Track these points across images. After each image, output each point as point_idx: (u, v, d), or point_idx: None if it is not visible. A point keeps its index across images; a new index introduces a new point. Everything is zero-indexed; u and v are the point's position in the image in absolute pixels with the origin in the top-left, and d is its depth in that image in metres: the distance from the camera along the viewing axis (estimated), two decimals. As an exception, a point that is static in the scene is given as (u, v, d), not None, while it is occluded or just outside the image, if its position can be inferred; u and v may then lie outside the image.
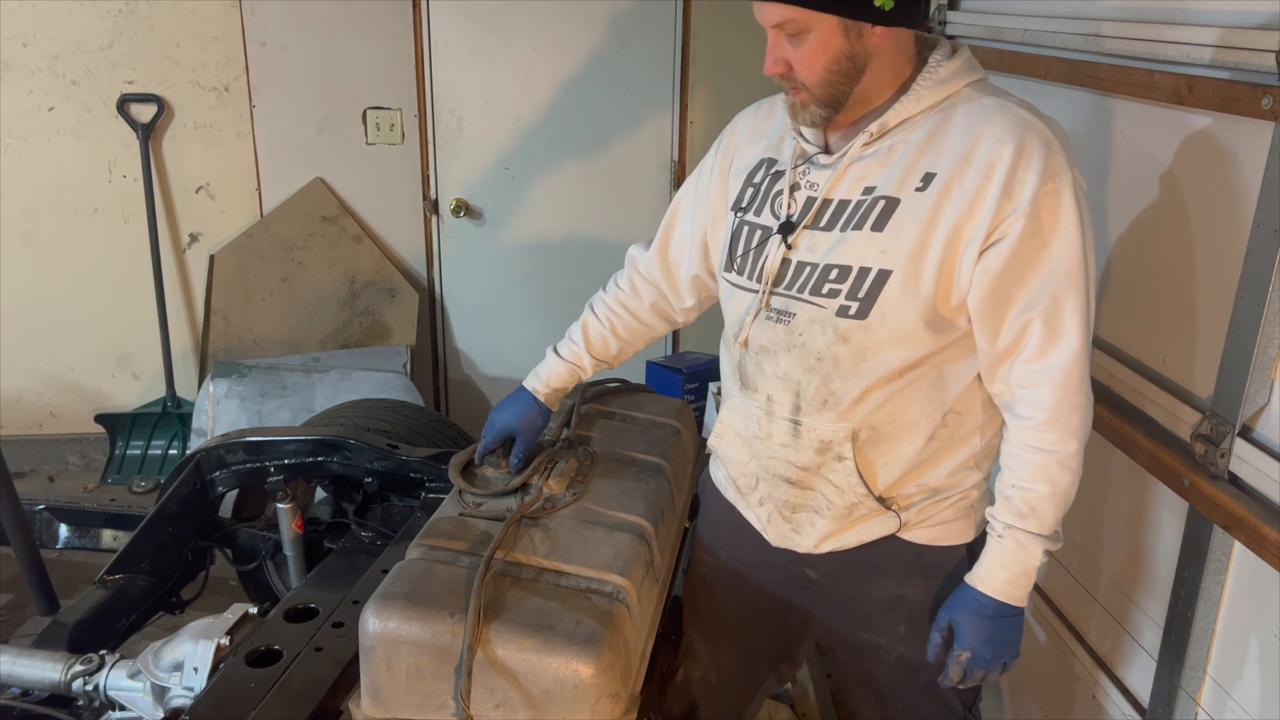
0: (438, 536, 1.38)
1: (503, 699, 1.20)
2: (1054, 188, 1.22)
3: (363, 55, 3.50)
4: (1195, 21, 1.51)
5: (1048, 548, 1.33)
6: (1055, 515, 1.32)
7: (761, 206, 1.42)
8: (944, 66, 1.30)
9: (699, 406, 2.57)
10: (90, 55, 3.44)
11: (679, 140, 3.69)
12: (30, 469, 3.79)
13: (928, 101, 1.29)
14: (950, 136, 1.27)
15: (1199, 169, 1.54)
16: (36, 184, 3.53)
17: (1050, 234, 1.23)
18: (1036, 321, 1.25)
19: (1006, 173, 1.22)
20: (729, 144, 1.53)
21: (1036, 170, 1.21)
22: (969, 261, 1.25)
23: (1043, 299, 1.24)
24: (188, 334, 3.79)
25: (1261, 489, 1.36)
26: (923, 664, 1.48)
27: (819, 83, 1.27)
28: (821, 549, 1.45)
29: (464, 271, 3.79)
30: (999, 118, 1.25)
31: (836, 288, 1.31)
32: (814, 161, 1.37)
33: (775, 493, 1.46)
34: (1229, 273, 1.42)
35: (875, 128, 1.30)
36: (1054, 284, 1.24)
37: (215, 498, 2.19)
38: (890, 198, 1.28)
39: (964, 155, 1.25)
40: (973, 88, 1.31)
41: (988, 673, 1.38)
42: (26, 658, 1.65)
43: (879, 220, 1.28)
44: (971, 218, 1.24)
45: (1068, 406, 1.27)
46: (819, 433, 1.38)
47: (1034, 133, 1.23)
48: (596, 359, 1.65)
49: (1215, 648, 1.50)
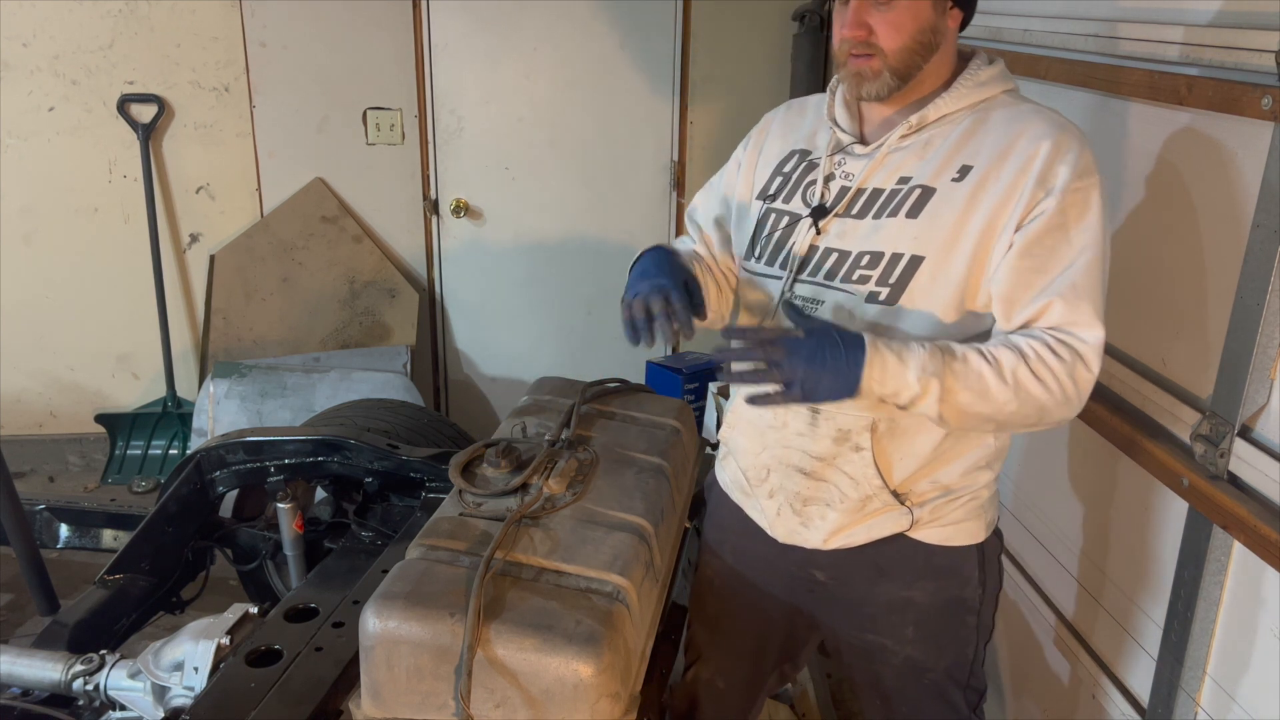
0: (438, 536, 1.38)
1: (503, 699, 1.20)
2: (1085, 185, 1.25)
3: (363, 55, 3.50)
4: (1195, 21, 1.51)
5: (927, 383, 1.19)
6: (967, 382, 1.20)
7: (792, 194, 1.44)
8: (984, 71, 1.36)
9: (699, 406, 2.57)
10: (90, 55, 3.44)
11: (679, 140, 3.69)
12: (30, 469, 3.79)
13: (967, 101, 1.34)
14: (989, 134, 1.31)
15: (1199, 169, 1.54)
16: (37, 184, 3.53)
17: (1074, 227, 1.25)
18: (1057, 302, 1.24)
19: (1043, 165, 1.25)
20: (759, 139, 1.55)
21: (1071, 164, 1.25)
22: (1001, 250, 1.27)
23: (1061, 286, 1.25)
24: (188, 334, 3.79)
25: (1261, 489, 1.36)
26: (929, 666, 1.48)
27: (900, 49, 1.29)
28: (830, 544, 1.44)
29: (464, 271, 3.79)
30: (1037, 119, 1.30)
31: (867, 274, 1.33)
32: (849, 151, 1.40)
33: (787, 484, 1.46)
34: (1229, 273, 1.43)
35: (915, 119, 1.33)
36: (1073, 274, 1.25)
37: (215, 498, 2.19)
38: (927, 186, 1.31)
39: (1002, 151, 1.29)
40: (1008, 95, 1.36)
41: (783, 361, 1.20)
42: (26, 658, 1.65)
43: (914, 208, 1.31)
44: (1006, 207, 1.26)
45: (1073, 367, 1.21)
46: (838, 422, 1.38)
47: (1071, 133, 1.28)
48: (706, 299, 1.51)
49: (1215, 648, 1.50)
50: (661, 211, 3.79)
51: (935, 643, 1.48)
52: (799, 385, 1.20)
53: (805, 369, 1.20)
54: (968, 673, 1.51)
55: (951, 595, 1.43)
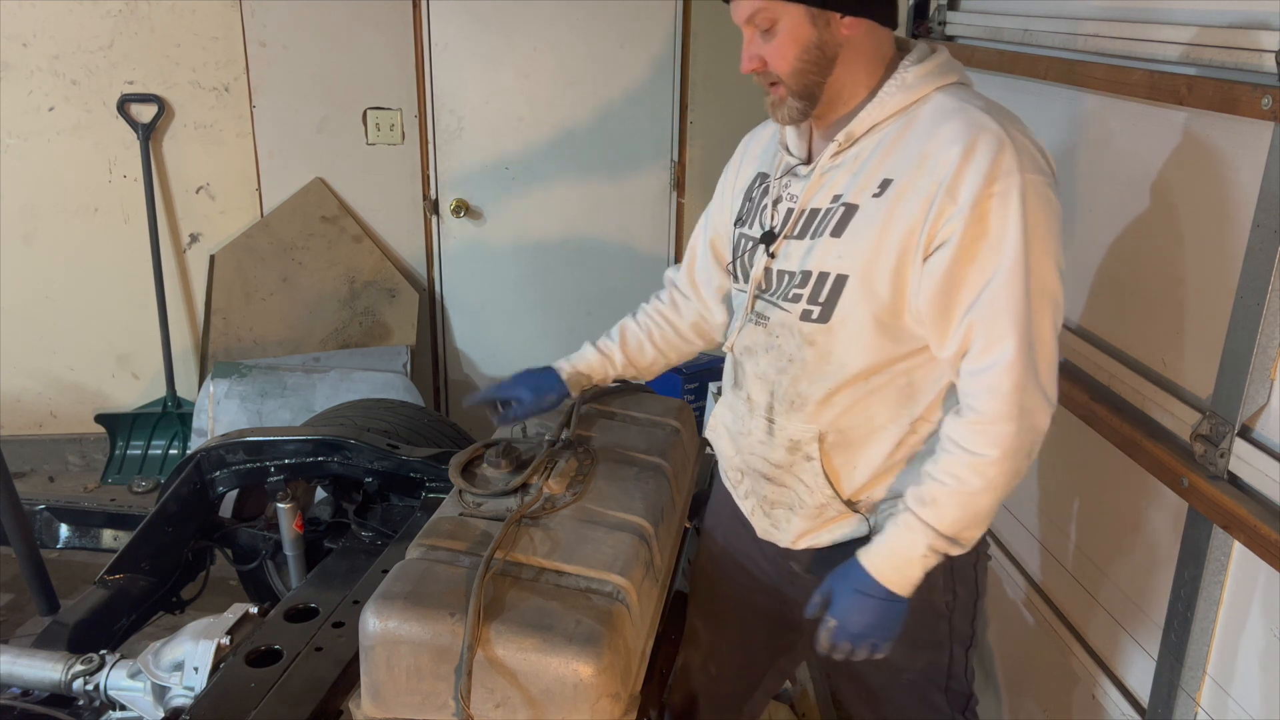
0: (438, 536, 1.38)
1: (503, 699, 1.20)
2: (1000, 189, 1.20)
3: (363, 55, 3.50)
4: (1195, 21, 1.51)
5: (935, 545, 1.28)
6: (955, 516, 1.27)
7: (753, 219, 1.46)
8: (910, 71, 1.31)
9: (699, 406, 2.57)
10: (90, 55, 3.44)
11: (679, 140, 3.69)
12: (30, 469, 3.79)
13: (892, 107, 1.30)
14: (910, 142, 1.27)
15: (1198, 169, 1.54)
16: (37, 184, 3.53)
17: (991, 236, 1.21)
18: (977, 325, 1.23)
19: (952, 175, 1.21)
20: (735, 163, 1.58)
21: (981, 171, 1.20)
22: (918, 265, 1.26)
23: (980, 302, 1.23)
24: (188, 334, 3.79)
25: (1261, 489, 1.36)
26: (906, 667, 1.50)
27: (791, 73, 1.30)
28: (799, 545, 1.48)
29: (464, 271, 3.79)
30: (954, 121, 1.25)
31: (800, 292, 1.35)
32: (795, 173, 1.40)
33: (757, 488, 1.51)
34: (1229, 273, 1.43)
35: (843, 136, 1.32)
36: (993, 287, 1.21)
37: (215, 498, 2.19)
38: (850, 204, 1.30)
39: (919, 160, 1.25)
40: (944, 92, 1.30)
41: (854, 648, 1.34)
42: (27, 658, 1.65)
43: (838, 226, 1.31)
44: (921, 221, 1.24)
45: (995, 413, 1.23)
46: (789, 432, 1.41)
47: (986, 134, 1.21)
48: (629, 359, 1.69)
49: (1215, 647, 1.50)
50: (661, 211, 3.79)
51: (907, 644, 1.48)
52: (878, 645, 1.34)
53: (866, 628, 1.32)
54: (945, 676, 1.52)
55: (919, 598, 1.43)
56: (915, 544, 1.29)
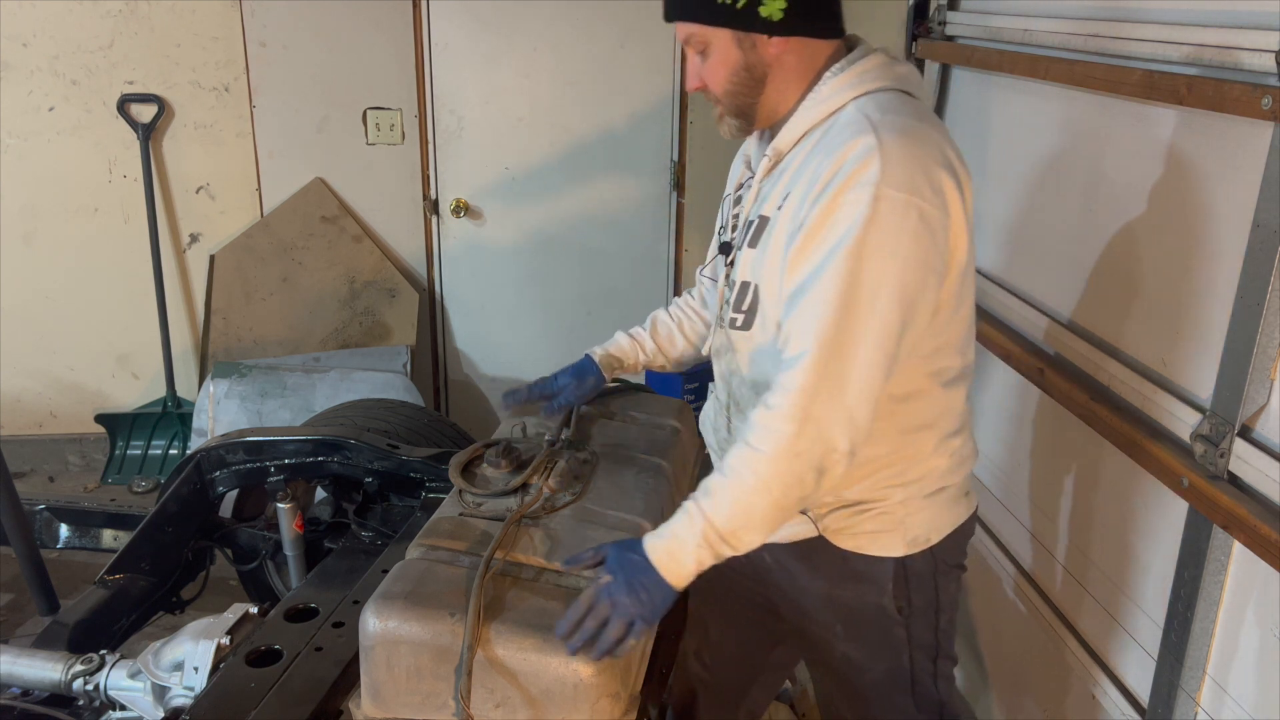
0: (438, 536, 1.38)
1: (503, 699, 1.20)
2: (853, 197, 1.18)
3: (363, 55, 3.50)
4: (1195, 21, 1.51)
5: (709, 538, 1.22)
6: (729, 512, 1.22)
7: (727, 227, 1.50)
8: (827, 84, 1.30)
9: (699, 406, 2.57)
10: (90, 55, 3.44)
11: (679, 140, 3.69)
12: (30, 469, 3.79)
13: (811, 120, 1.31)
14: (815, 154, 1.28)
15: (1198, 169, 1.54)
16: (37, 184, 3.53)
17: (826, 235, 1.20)
18: (793, 319, 1.23)
19: (820, 182, 1.22)
20: (732, 170, 1.60)
21: (844, 175, 1.19)
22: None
23: (800, 296, 1.22)
24: (188, 334, 3.79)
25: (1261, 489, 1.36)
26: (866, 667, 1.51)
27: (724, 94, 1.34)
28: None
29: (464, 271, 3.79)
30: (843, 133, 1.24)
31: (729, 299, 1.41)
32: (748, 185, 1.44)
33: None
34: (1229, 273, 1.43)
35: (771, 150, 1.35)
36: (813, 284, 1.20)
37: (215, 498, 2.19)
38: (764, 216, 1.34)
39: (811, 171, 1.26)
40: (858, 101, 1.28)
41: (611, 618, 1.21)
42: (27, 658, 1.65)
43: (754, 238, 1.36)
44: (796, 227, 1.25)
45: (780, 411, 1.20)
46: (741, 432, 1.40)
47: (860, 144, 1.20)
48: (659, 348, 1.73)
49: (1215, 647, 1.50)
50: (661, 211, 3.79)
51: (865, 644, 1.49)
52: (634, 626, 1.21)
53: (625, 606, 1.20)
54: (909, 680, 1.51)
55: (872, 601, 1.43)
56: (691, 532, 1.23)
